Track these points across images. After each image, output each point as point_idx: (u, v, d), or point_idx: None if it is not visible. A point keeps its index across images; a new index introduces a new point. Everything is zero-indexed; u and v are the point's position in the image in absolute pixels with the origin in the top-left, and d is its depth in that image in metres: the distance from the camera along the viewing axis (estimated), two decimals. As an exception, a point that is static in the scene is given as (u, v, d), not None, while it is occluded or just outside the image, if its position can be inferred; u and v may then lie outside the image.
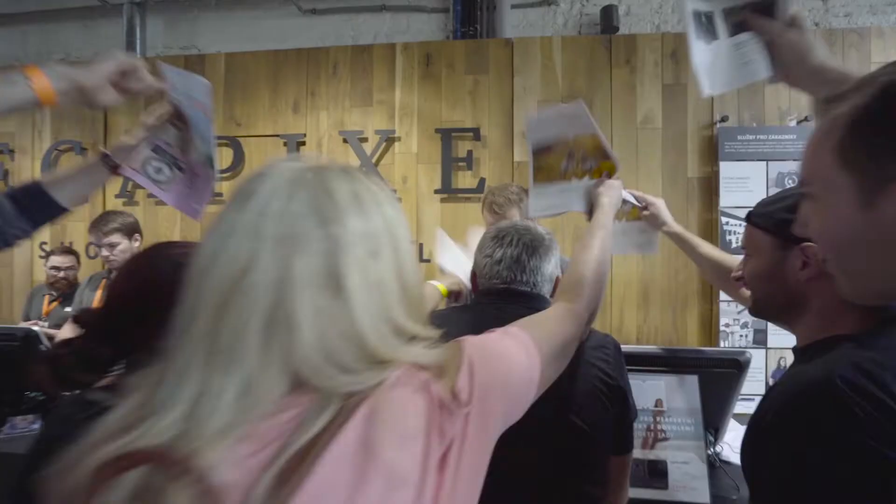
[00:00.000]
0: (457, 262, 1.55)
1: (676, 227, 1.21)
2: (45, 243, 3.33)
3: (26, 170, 3.34)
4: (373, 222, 0.47)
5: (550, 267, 1.01)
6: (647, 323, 2.83)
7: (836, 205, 0.46)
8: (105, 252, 2.19)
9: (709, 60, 0.77)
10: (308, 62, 3.11)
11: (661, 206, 1.20)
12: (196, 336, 0.42)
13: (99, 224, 2.20)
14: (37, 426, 1.54)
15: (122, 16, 3.75)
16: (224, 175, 3.19)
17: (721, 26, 0.78)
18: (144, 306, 0.64)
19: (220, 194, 3.18)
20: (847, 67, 0.70)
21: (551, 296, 1.02)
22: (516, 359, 0.56)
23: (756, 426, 0.66)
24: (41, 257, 3.33)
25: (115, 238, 2.19)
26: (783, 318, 0.78)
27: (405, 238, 0.50)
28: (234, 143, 3.12)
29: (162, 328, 0.52)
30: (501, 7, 3.51)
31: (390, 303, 0.46)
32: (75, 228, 3.29)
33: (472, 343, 0.53)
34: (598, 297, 0.81)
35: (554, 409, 0.86)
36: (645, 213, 1.20)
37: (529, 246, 1.00)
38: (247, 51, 3.35)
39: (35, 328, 1.87)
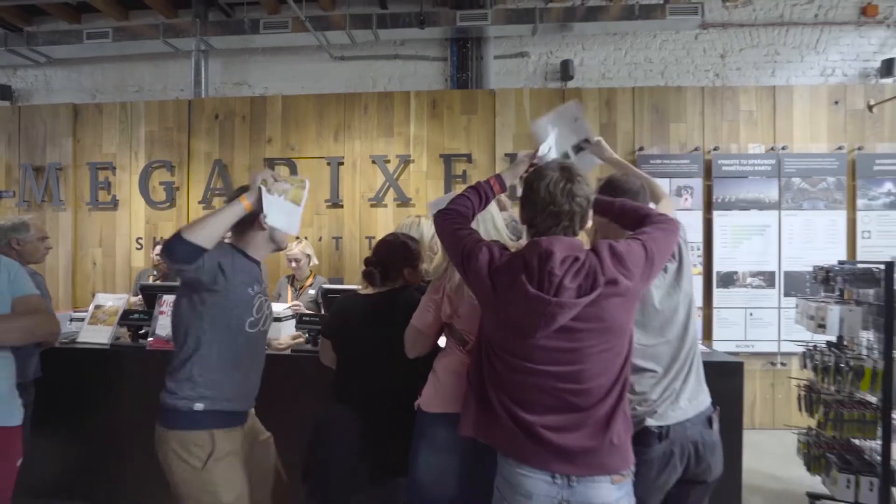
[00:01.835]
0: None
1: (615, 156, 1.76)
2: (140, 238, 4.36)
3: (125, 183, 4.36)
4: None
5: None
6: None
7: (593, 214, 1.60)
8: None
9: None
10: (345, 103, 4.20)
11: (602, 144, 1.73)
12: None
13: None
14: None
15: (191, 59, 4.78)
16: (281, 186, 4.25)
17: (570, 152, 1.84)
18: (390, 256, 1.74)
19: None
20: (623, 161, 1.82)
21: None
22: None
23: None
24: (137, 249, 4.37)
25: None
26: None
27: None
28: (290, 163, 4.20)
29: (396, 265, 1.67)
30: (487, 58, 4.67)
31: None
32: (164, 227, 4.33)
33: None
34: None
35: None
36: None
37: None
38: (298, 94, 4.44)
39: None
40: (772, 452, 3.40)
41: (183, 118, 4.32)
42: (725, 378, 2.27)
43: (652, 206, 1.56)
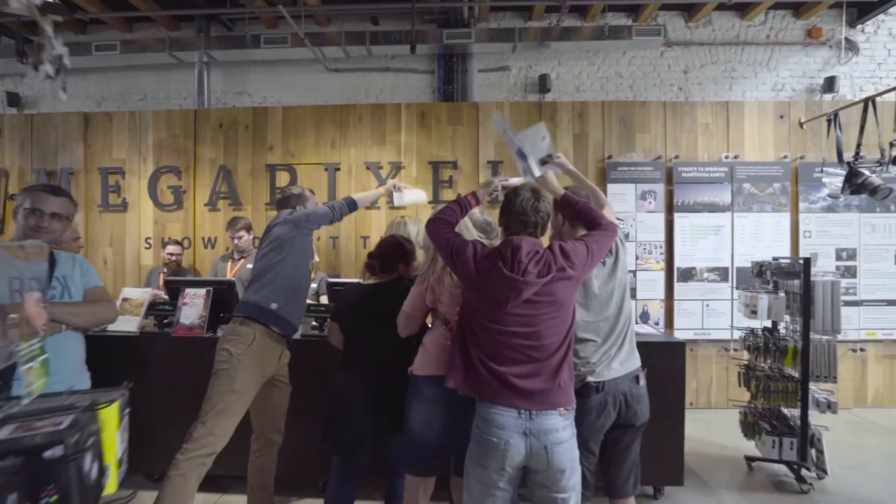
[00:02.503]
0: None
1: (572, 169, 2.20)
2: (149, 238, 4.66)
3: (134, 187, 4.66)
4: None
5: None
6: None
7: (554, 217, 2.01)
8: (235, 241, 3.62)
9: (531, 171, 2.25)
10: (341, 114, 4.56)
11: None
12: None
13: (233, 224, 3.64)
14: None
15: (194, 70, 5.09)
16: (282, 189, 4.59)
17: (536, 164, 2.24)
18: (389, 252, 2.11)
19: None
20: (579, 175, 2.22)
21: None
22: None
23: None
24: (146, 248, 4.68)
25: (242, 233, 3.62)
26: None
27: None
28: (290, 169, 4.54)
29: (393, 260, 2.06)
30: (471, 72, 5.07)
31: None
32: (172, 228, 4.64)
33: None
34: None
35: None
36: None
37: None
38: (295, 103, 4.79)
39: (232, 278, 3.30)
40: (721, 427, 3.85)
41: (189, 126, 4.64)
42: (671, 356, 2.70)
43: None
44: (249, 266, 3.61)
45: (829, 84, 4.79)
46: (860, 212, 4.25)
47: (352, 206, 2.42)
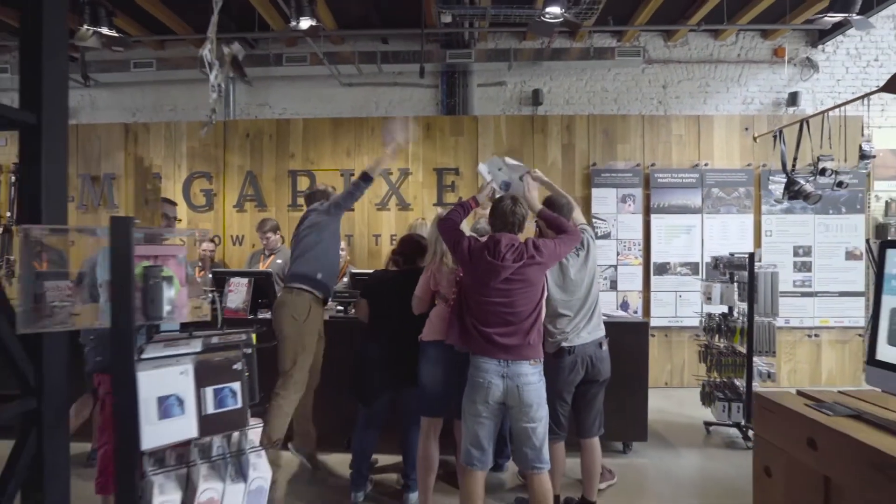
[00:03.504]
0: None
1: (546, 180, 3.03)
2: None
3: (170, 190, 5.21)
4: None
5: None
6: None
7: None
8: (263, 242, 4.18)
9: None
10: (355, 125, 5.11)
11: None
12: None
13: (261, 226, 4.19)
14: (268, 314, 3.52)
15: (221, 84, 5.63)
16: (302, 192, 5.15)
17: (516, 179, 2.77)
18: (410, 248, 2.67)
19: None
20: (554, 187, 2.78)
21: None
22: None
23: None
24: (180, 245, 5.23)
25: (270, 234, 4.17)
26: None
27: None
28: (310, 175, 5.09)
29: (413, 255, 2.63)
30: (471, 86, 5.62)
31: None
32: (204, 227, 5.19)
33: None
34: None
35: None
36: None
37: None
38: (312, 115, 5.34)
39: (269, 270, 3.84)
40: (690, 403, 4.39)
41: (219, 136, 5.19)
42: (636, 334, 3.26)
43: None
44: (279, 261, 4.18)
45: (793, 99, 5.35)
46: (815, 213, 4.81)
47: (365, 178, 2.76)
